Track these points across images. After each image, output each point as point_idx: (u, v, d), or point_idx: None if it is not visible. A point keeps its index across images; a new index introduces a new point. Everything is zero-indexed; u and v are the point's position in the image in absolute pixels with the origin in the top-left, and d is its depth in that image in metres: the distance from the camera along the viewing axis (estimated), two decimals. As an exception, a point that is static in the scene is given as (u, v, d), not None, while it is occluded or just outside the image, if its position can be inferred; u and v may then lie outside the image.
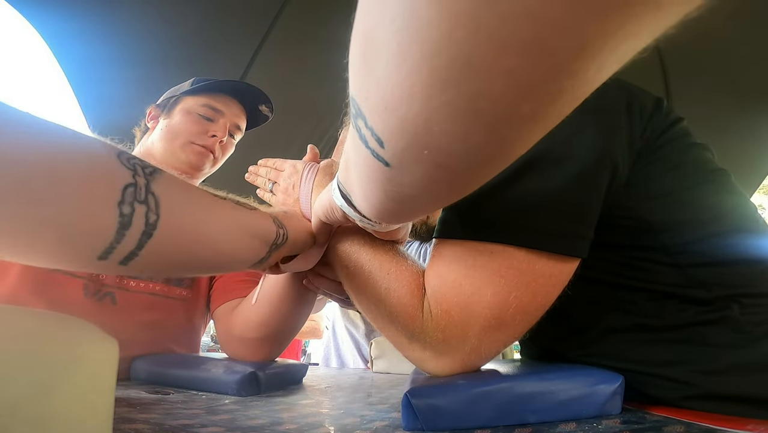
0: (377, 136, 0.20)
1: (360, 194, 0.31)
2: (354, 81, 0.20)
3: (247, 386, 0.53)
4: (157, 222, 0.27)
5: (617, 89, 0.40)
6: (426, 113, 0.17)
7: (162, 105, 0.83)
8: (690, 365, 0.36)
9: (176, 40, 1.35)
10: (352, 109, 0.22)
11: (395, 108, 0.17)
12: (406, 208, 0.28)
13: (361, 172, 0.26)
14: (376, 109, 0.18)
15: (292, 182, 0.58)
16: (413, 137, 0.18)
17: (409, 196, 0.24)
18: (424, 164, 0.20)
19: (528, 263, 0.35)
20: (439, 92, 0.15)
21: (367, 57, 0.17)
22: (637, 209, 0.39)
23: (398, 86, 0.16)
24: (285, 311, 0.64)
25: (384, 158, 0.21)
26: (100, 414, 0.18)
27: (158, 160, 0.79)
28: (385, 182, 0.24)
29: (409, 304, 0.38)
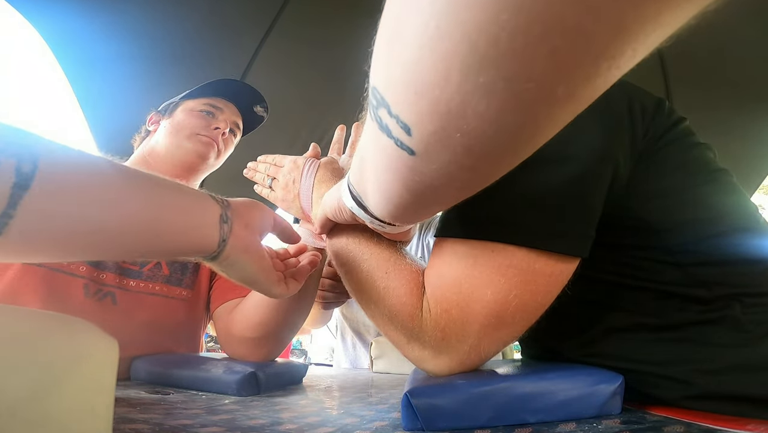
0: (403, 122, 0.19)
1: (376, 192, 0.31)
2: (378, 69, 0.20)
3: (247, 386, 0.53)
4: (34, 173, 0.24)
5: (619, 90, 0.40)
6: (461, 95, 0.16)
7: (162, 110, 0.86)
8: (691, 364, 0.36)
9: (176, 40, 1.35)
10: (372, 101, 0.21)
11: (426, 91, 0.17)
12: (426, 203, 0.28)
13: (381, 166, 0.26)
14: (403, 94, 0.18)
15: (292, 177, 0.57)
16: (444, 121, 0.18)
17: (431, 187, 0.24)
18: (452, 149, 0.20)
19: (528, 262, 0.35)
20: (477, 73, 0.15)
21: (396, 41, 0.17)
22: (639, 209, 0.39)
23: (432, 68, 0.16)
24: (284, 310, 0.64)
25: (409, 146, 0.21)
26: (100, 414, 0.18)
27: (163, 155, 0.80)
28: (407, 174, 0.23)
29: (407, 303, 0.38)
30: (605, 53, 0.14)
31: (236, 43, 1.48)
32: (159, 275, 0.72)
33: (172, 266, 0.74)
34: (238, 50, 1.50)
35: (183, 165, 0.81)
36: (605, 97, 0.41)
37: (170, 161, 0.80)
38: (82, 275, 0.65)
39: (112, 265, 0.68)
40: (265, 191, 0.62)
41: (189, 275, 0.75)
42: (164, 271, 0.73)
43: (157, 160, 0.80)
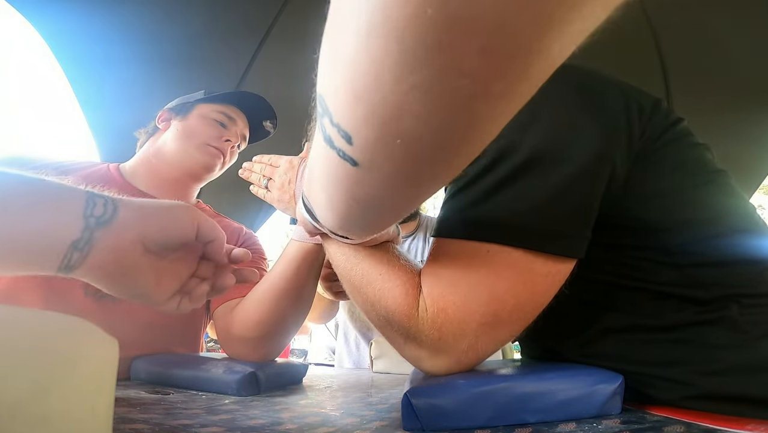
0: (344, 131, 0.19)
1: (325, 205, 0.30)
2: (322, 76, 0.19)
3: (247, 386, 0.53)
4: None
5: (616, 91, 0.40)
6: (396, 97, 0.16)
7: (176, 109, 0.85)
8: (689, 365, 0.36)
9: (176, 40, 1.35)
10: (318, 109, 0.21)
11: (364, 96, 0.17)
12: (374, 216, 0.27)
13: (326, 178, 0.25)
14: (344, 101, 0.18)
15: (288, 178, 0.57)
16: (384, 126, 0.18)
17: (377, 199, 0.23)
18: (394, 157, 0.19)
19: (525, 263, 0.35)
20: (409, 73, 0.15)
21: (335, 47, 0.17)
22: (636, 209, 0.39)
23: (366, 71, 0.16)
24: (282, 310, 0.64)
25: (352, 157, 0.20)
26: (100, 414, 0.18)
27: (170, 159, 0.80)
28: (352, 186, 0.23)
29: (404, 303, 0.38)
30: (534, 47, 0.14)
31: (235, 44, 1.48)
32: None
33: None
34: (238, 51, 1.50)
35: (188, 172, 0.81)
36: (603, 99, 0.41)
37: (176, 166, 0.80)
38: None
39: None
40: (261, 192, 0.62)
41: None
42: None
43: (163, 162, 0.80)
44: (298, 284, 0.64)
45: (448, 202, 0.39)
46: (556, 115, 0.37)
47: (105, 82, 1.30)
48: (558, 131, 0.36)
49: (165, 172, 0.80)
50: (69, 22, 1.18)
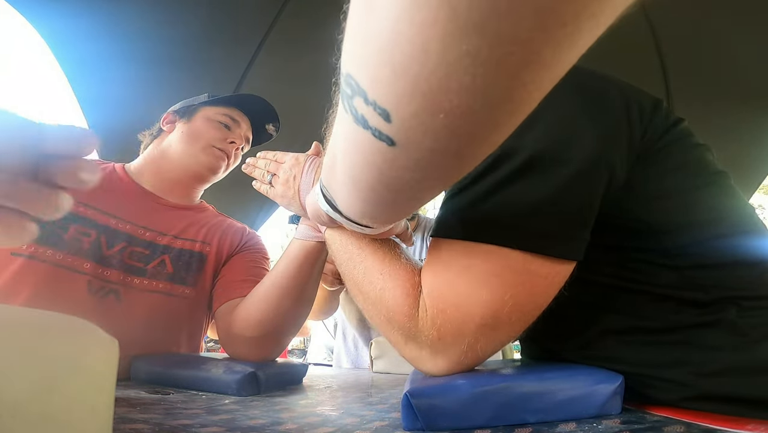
0: (381, 108, 0.18)
1: (351, 192, 0.30)
2: (351, 53, 0.19)
3: (247, 386, 0.53)
4: None
5: (616, 91, 0.40)
6: (444, 68, 0.15)
7: (180, 111, 0.86)
8: (687, 366, 0.36)
9: (176, 40, 1.35)
10: (346, 90, 0.20)
11: (405, 69, 0.16)
12: (405, 199, 0.27)
13: (356, 163, 0.25)
14: (379, 77, 0.17)
15: (293, 174, 0.57)
16: (427, 99, 0.17)
17: (410, 182, 0.23)
18: (435, 134, 0.18)
19: (523, 264, 0.35)
20: (459, 41, 0.14)
21: (369, 17, 0.16)
22: (636, 211, 0.39)
23: (410, 42, 0.15)
24: (284, 309, 0.64)
25: (389, 135, 0.20)
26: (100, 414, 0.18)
27: (175, 161, 0.81)
28: (385, 168, 0.22)
29: (404, 303, 0.38)
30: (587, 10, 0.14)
31: (235, 45, 1.48)
32: (163, 272, 0.72)
33: (177, 264, 0.74)
34: (237, 52, 1.50)
35: (194, 174, 0.82)
36: (603, 99, 0.41)
37: (181, 168, 0.81)
38: (86, 271, 0.65)
39: (116, 262, 0.68)
40: (264, 187, 0.62)
41: (193, 273, 0.75)
42: (168, 269, 0.73)
43: (168, 164, 0.81)
44: (300, 283, 0.64)
45: (447, 202, 0.39)
46: (556, 116, 0.37)
47: (105, 82, 1.30)
48: (558, 133, 0.36)
49: (170, 173, 0.81)
50: (69, 22, 1.18)
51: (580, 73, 0.41)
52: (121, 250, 0.69)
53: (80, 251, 0.65)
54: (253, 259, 0.82)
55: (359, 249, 0.43)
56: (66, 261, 0.63)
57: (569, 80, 0.42)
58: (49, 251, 0.62)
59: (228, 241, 0.82)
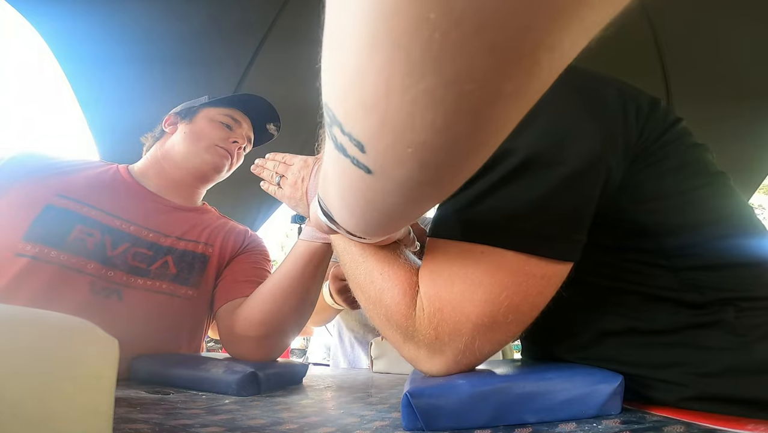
0: (357, 140, 0.19)
1: (342, 208, 0.30)
2: (327, 86, 0.19)
3: (247, 386, 0.53)
4: None
5: (614, 92, 0.40)
6: (407, 106, 0.16)
7: (182, 113, 0.86)
8: (685, 367, 0.36)
9: (176, 39, 1.35)
10: (326, 118, 0.21)
11: (373, 105, 0.16)
12: (391, 218, 0.27)
13: (342, 184, 0.25)
14: (353, 110, 0.18)
15: (301, 176, 0.57)
16: (395, 135, 0.17)
17: (393, 204, 0.23)
18: (408, 165, 0.19)
19: (519, 265, 0.35)
20: (418, 80, 0.15)
21: (338, 57, 0.17)
22: (633, 212, 0.39)
23: (373, 81, 0.15)
24: (286, 309, 0.64)
25: (365, 165, 0.20)
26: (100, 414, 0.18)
27: (179, 161, 0.81)
28: (368, 192, 0.23)
29: (401, 303, 0.38)
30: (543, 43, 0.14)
31: (235, 44, 1.48)
32: (166, 273, 0.72)
33: (180, 265, 0.74)
34: (238, 51, 1.50)
35: (197, 174, 0.82)
36: (599, 100, 0.41)
37: (185, 168, 0.81)
38: (90, 272, 0.65)
39: (120, 263, 0.68)
40: (272, 188, 0.62)
41: (195, 274, 0.75)
42: (171, 269, 0.73)
43: (172, 165, 0.81)
44: (304, 284, 0.64)
45: (444, 203, 0.39)
46: (552, 117, 0.37)
47: (105, 82, 1.30)
48: (554, 134, 0.36)
49: (174, 174, 0.81)
50: (69, 22, 1.18)
51: (576, 73, 0.41)
52: (125, 251, 0.69)
53: (84, 252, 0.65)
54: (255, 260, 0.82)
55: (361, 250, 0.43)
56: (70, 262, 0.63)
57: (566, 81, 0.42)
58: (53, 252, 0.63)
59: (230, 243, 0.82)
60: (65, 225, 0.65)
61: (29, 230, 0.62)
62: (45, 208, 0.65)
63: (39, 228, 0.63)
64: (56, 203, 0.66)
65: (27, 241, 0.62)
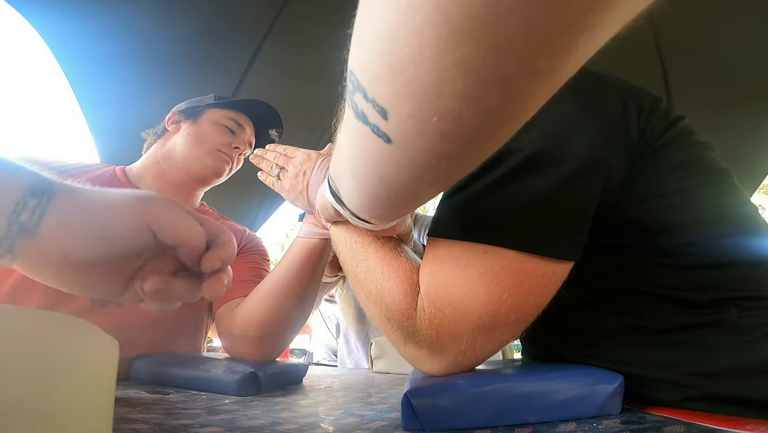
0: (380, 106, 0.19)
1: (352, 186, 0.30)
2: (354, 52, 0.19)
3: (247, 386, 0.53)
4: None
5: (614, 91, 0.40)
6: (437, 72, 0.16)
7: (186, 112, 0.85)
8: (687, 367, 0.36)
9: (176, 39, 1.35)
10: (349, 86, 0.21)
11: (402, 69, 0.16)
12: (400, 197, 0.27)
13: (356, 155, 0.25)
14: (379, 75, 0.18)
15: (303, 169, 0.57)
16: (421, 102, 0.17)
17: (406, 180, 0.23)
18: (429, 135, 0.19)
19: (520, 264, 0.34)
20: (454, 47, 0.14)
21: (372, 16, 0.17)
22: (634, 210, 0.39)
23: (406, 44, 0.15)
24: (285, 309, 0.64)
25: (386, 132, 0.20)
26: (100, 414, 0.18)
27: (179, 163, 0.81)
28: (383, 165, 0.23)
29: (402, 302, 0.38)
30: (583, 21, 0.14)
31: (235, 44, 1.48)
32: None
33: None
34: (238, 51, 1.50)
35: (197, 177, 0.82)
36: (600, 99, 0.41)
37: (185, 170, 0.81)
38: None
39: None
40: (270, 180, 0.62)
41: None
42: None
43: (172, 166, 0.81)
44: (302, 282, 0.64)
45: (444, 201, 0.39)
46: (553, 116, 0.37)
47: (105, 82, 1.30)
48: (555, 133, 0.36)
49: (173, 176, 0.81)
50: (69, 22, 1.18)
51: (577, 73, 0.41)
52: None
53: None
54: (254, 260, 0.82)
55: (363, 247, 0.43)
56: None
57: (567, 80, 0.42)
58: None
59: None
60: None
61: None
62: None
63: None
64: None
65: None
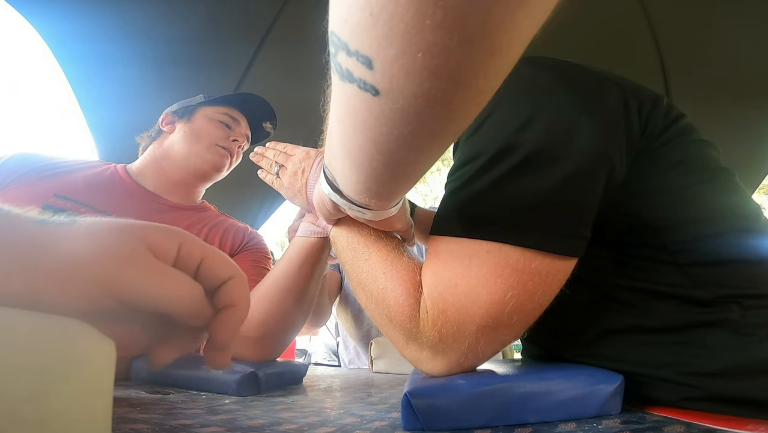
0: (363, 55, 0.18)
1: (346, 162, 0.29)
2: (333, 10, 0.19)
3: (247, 386, 0.53)
4: None
5: (615, 88, 0.40)
6: (415, 4, 0.16)
7: (179, 112, 0.86)
8: (689, 367, 0.36)
9: (176, 40, 1.35)
10: (331, 49, 0.20)
11: (381, 9, 0.16)
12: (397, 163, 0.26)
13: (347, 124, 0.24)
14: (359, 23, 0.17)
15: (302, 167, 0.56)
16: (404, 40, 0.17)
17: (399, 138, 0.23)
18: (417, 75, 0.18)
19: (524, 263, 0.34)
20: None
21: None
22: (636, 207, 0.39)
23: None
24: (284, 308, 0.64)
25: (372, 85, 0.20)
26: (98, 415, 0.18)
27: (178, 161, 0.81)
28: (374, 124, 0.22)
29: (405, 304, 0.38)
30: None
31: (235, 44, 1.48)
32: None
33: None
34: (238, 51, 1.50)
35: (197, 173, 0.82)
36: (602, 96, 0.41)
37: (185, 167, 0.81)
38: None
39: None
40: (269, 177, 0.62)
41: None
42: None
43: (172, 164, 0.81)
44: (301, 282, 0.64)
45: (447, 199, 0.39)
46: (555, 113, 0.37)
47: (105, 82, 1.30)
48: (557, 130, 0.36)
49: (174, 174, 0.81)
50: (69, 22, 1.18)
51: (579, 69, 0.41)
52: None
53: None
54: (255, 258, 0.82)
55: (364, 247, 0.43)
56: None
57: (568, 77, 0.42)
58: None
59: (229, 241, 0.82)
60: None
61: None
62: (43, 209, 0.65)
63: None
64: (54, 204, 0.66)
65: None
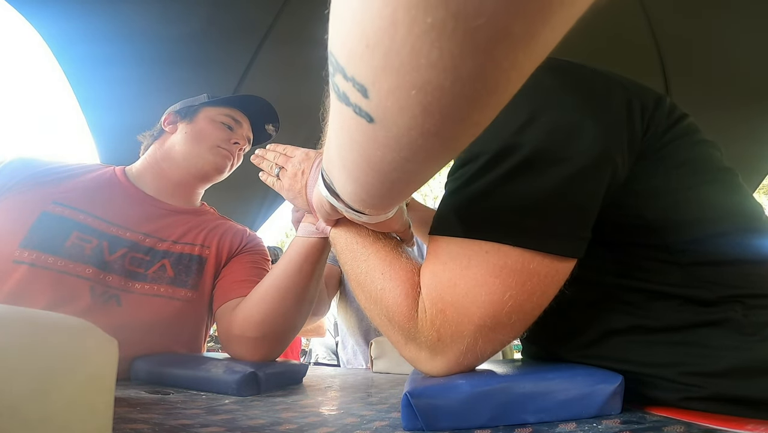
0: (359, 84, 0.19)
1: (342, 174, 0.30)
2: (332, 31, 0.19)
3: (247, 386, 0.53)
4: None
5: (618, 88, 0.40)
6: (411, 42, 0.15)
7: (181, 112, 0.86)
8: (690, 366, 0.36)
9: (176, 40, 1.35)
10: (330, 68, 0.20)
11: (377, 42, 0.16)
12: (391, 181, 0.26)
13: (343, 141, 0.25)
14: (356, 51, 0.17)
15: (301, 168, 0.57)
16: (398, 75, 0.17)
17: (392, 162, 0.23)
18: (410, 110, 0.18)
19: (523, 263, 0.34)
20: (423, 14, 0.14)
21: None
22: (638, 207, 0.38)
23: (378, 16, 0.15)
24: (284, 308, 0.64)
25: (368, 112, 0.20)
26: (99, 414, 0.18)
27: (179, 162, 0.81)
28: (368, 147, 0.22)
29: (403, 304, 0.38)
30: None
31: (235, 44, 1.48)
32: (164, 276, 0.72)
33: (177, 268, 0.74)
34: (238, 51, 1.50)
35: (198, 174, 0.82)
36: (604, 96, 0.41)
37: (186, 168, 0.81)
38: (88, 276, 0.65)
39: (117, 267, 0.68)
40: (270, 179, 0.62)
41: (193, 276, 0.75)
42: (169, 273, 0.73)
43: (172, 165, 0.81)
44: (301, 282, 0.64)
45: (446, 199, 0.39)
46: (557, 113, 0.37)
47: (105, 82, 1.30)
48: (558, 130, 0.36)
49: (174, 175, 0.81)
50: (69, 22, 1.18)
51: (581, 69, 0.41)
52: (122, 256, 0.69)
53: (82, 257, 0.65)
54: (254, 260, 0.82)
55: (363, 248, 0.43)
56: (68, 267, 0.64)
57: (571, 77, 0.42)
58: (50, 258, 0.63)
59: (228, 243, 0.82)
60: (62, 232, 0.65)
61: (26, 237, 0.62)
62: (41, 216, 0.65)
63: (36, 235, 0.63)
64: (52, 210, 0.66)
65: (24, 248, 0.62)
